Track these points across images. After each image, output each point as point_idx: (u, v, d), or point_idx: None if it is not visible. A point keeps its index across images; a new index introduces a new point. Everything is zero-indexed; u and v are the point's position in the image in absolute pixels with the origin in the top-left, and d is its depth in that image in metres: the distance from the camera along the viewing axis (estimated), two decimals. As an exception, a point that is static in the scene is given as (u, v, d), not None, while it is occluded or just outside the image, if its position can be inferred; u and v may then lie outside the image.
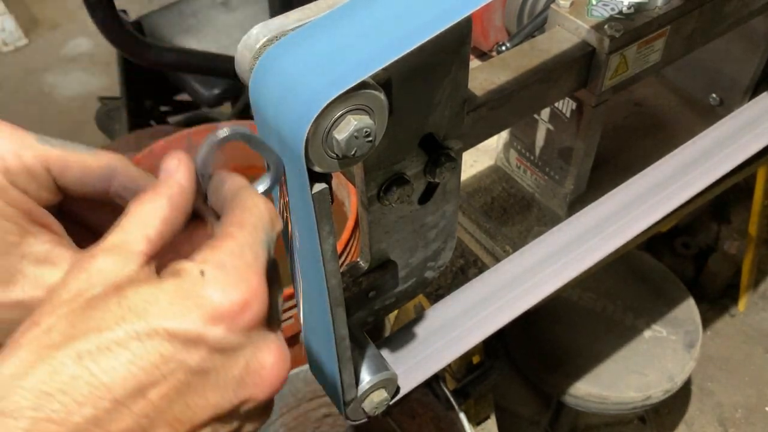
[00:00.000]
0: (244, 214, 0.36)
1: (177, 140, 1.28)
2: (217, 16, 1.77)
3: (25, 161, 0.38)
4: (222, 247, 0.34)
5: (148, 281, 0.33)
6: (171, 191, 0.37)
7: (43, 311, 0.32)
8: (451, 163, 0.52)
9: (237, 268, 0.34)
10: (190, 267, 0.33)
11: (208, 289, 0.33)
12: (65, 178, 0.39)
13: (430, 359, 0.69)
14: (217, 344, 0.32)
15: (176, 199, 0.37)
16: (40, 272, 0.38)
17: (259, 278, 0.34)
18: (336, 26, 0.39)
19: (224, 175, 0.39)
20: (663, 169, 0.84)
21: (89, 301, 0.32)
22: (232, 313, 0.33)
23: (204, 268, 0.33)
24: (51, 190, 0.39)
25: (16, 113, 2.73)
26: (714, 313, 2.04)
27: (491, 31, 1.18)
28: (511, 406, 1.63)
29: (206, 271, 0.33)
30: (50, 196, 0.39)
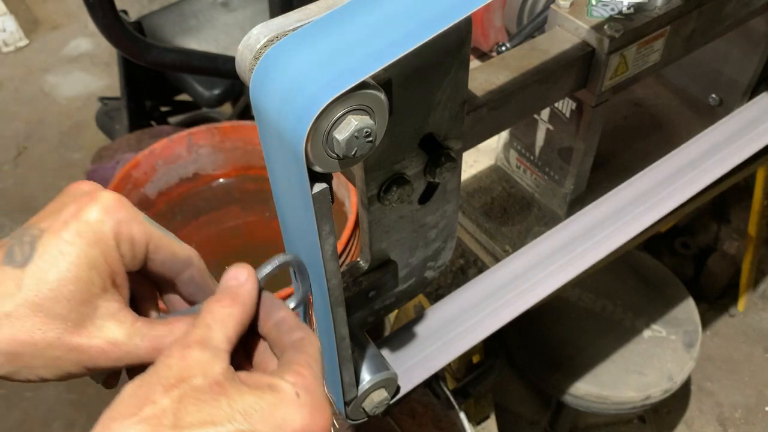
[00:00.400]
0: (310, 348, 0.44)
1: (177, 141, 1.28)
2: (218, 17, 1.77)
3: (133, 233, 0.43)
4: (306, 375, 0.41)
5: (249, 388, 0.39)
6: (245, 299, 0.44)
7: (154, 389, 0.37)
8: (451, 163, 0.52)
9: (320, 396, 0.41)
10: (287, 387, 0.40)
11: (303, 410, 0.40)
12: (155, 256, 0.45)
13: (430, 359, 0.69)
14: None
15: (248, 308, 0.44)
16: (106, 325, 0.43)
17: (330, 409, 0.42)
18: (336, 27, 0.39)
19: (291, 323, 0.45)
20: (662, 169, 0.85)
21: (197, 392, 0.38)
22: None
23: (298, 390, 0.40)
24: (139, 262, 0.45)
25: (17, 113, 2.74)
26: (713, 313, 2.04)
27: (491, 32, 1.18)
28: (511, 405, 1.63)
29: (301, 394, 0.40)
30: (135, 266, 0.45)
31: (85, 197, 0.43)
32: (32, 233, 0.42)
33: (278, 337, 0.45)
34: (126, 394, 0.38)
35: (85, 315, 0.42)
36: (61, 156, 2.55)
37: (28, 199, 2.40)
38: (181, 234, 1.33)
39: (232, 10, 1.78)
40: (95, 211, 0.42)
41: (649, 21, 0.71)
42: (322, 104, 0.36)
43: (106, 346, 0.42)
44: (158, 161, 1.27)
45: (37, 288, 0.40)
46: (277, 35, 0.42)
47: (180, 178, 1.31)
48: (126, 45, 1.36)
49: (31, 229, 0.42)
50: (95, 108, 2.20)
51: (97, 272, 0.42)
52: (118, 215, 0.43)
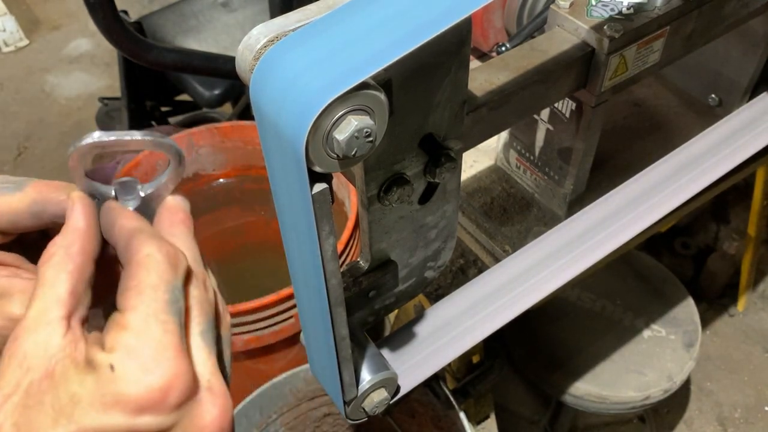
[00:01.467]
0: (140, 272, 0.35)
1: (177, 141, 1.28)
2: (218, 17, 1.77)
3: None
4: (127, 326, 0.34)
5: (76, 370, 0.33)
6: (66, 241, 0.37)
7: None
8: (451, 164, 0.52)
9: (149, 349, 0.33)
10: (102, 359, 0.33)
11: (121, 383, 0.33)
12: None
13: (430, 359, 0.69)
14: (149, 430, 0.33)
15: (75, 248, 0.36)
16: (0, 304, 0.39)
17: (174, 353, 0.34)
18: (336, 27, 0.39)
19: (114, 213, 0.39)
20: (662, 169, 0.85)
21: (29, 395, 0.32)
22: (155, 400, 0.33)
23: (113, 360, 0.33)
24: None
25: (17, 114, 2.74)
26: (713, 313, 2.04)
27: (491, 32, 1.18)
28: (511, 405, 1.63)
29: (116, 364, 0.33)
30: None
31: None
32: None
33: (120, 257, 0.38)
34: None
35: None
36: (61, 156, 2.55)
37: (28, 199, 2.39)
38: (181, 234, 1.34)
39: (232, 11, 1.78)
40: None
41: (648, 21, 0.71)
42: (322, 104, 0.36)
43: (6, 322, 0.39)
44: (158, 161, 1.27)
45: None
46: (278, 35, 0.42)
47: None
48: (126, 45, 1.36)
49: None
50: (96, 108, 2.20)
51: None
52: None
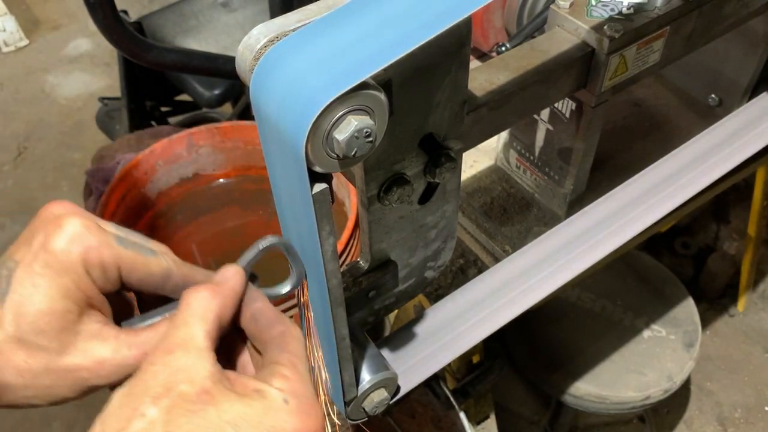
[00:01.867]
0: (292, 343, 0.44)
1: (178, 141, 1.28)
2: (218, 17, 1.77)
3: (103, 258, 0.43)
4: (292, 377, 0.42)
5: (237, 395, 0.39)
6: (225, 291, 0.44)
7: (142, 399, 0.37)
8: (451, 164, 0.52)
9: (308, 398, 0.41)
10: (274, 393, 0.40)
11: (292, 416, 0.40)
12: (130, 277, 0.45)
13: (430, 359, 0.69)
14: None
15: (229, 302, 0.44)
16: (90, 346, 0.43)
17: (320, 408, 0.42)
18: (336, 27, 0.39)
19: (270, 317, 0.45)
20: (662, 169, 0.85)
21: (185, 402, 0.37)
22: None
23: (286, 396, 0.40)
24: (114, 285, 0.45)
25: (17, 113, 2.74)
26: (713, 313, 2.04)
27: (491, 32, 1.18)
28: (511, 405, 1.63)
29: (289, 400, 0.40)
30: (112, 287, 0.45)
31: (52, 224, 0.43)
32: (8, 266, 0.43)
33: (257, 330, 0.45)
34: (115, 405, 0.38)
35: (67, 342, 0.42)
36: (61, 156, 2.55)
37: (28, 199, 2.40)
38: (181, 234, 1.34)
39: (232, 11, 1.78)
40: (62, 240, 0.43)
41: (648, 21, 0.71)
42: (322, 104, 0.36)
43: (93, 365, 0.42)
44: (158, 161, 1.27)
45: (16, 323, 0.41)
46: (278, 35, 0.42)
47: (180, 178, 1.31)
48: (126, 45, 1.36)
49: (7, 261, 0.43)
50: (95, 108, 2.20)
51: (72, 300, 0.42)
52: (85, 242, 0.43)
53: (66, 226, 0.43)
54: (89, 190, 1.43)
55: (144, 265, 0.45)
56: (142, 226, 1.27)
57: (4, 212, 2.36)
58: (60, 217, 0.44)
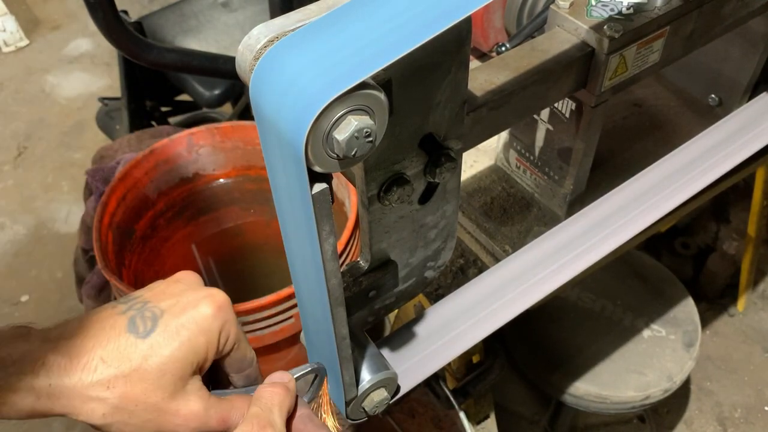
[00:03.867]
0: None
1: (178, 141, 1.28)
2: (218, 17, 1.77)
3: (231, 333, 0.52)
4: None
5: None
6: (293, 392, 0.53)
7: None
8: (451, 164, 0.52)
9: None
10: None
11: None
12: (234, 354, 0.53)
13: (430, 358, 0.69)
14: None
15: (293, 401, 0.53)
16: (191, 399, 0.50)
17: None
18: (336, 27, 0.40)
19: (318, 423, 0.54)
20: (662, 169, 0.85)
21: None
22: None
23: None
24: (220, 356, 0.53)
25: (17, 113, 2.74)
26: (713, 313, 2.04)
27: (491, 32, 1.18)
28: (511, 405, 1.63)
29: None
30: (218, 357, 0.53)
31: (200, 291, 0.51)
32: (154, 311, 0.49)
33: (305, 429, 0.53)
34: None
35: (179, 388, 0.48)
36: (61, 156, 2.56)
37: (28, 199, 2.40)
38: (181, 234, 1.34)
39: (232, 11, 1.79)
40: (211, 307, 0.50)
41: (648, 21, 0.71)
42: (322, 104, 0.36)
43: (189, 415, 0.49)
44: (159, 161, 1.27)
45: (151, 359, 0.47)
46: (278, 35, 0.42)
47: (180, 178, 1.31)
48: (126, 45, 1.36)
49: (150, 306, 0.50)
50: (96, 108, 2.21)
51: (197, 357, 0.49)
52: (226, 315, 0.51)
53: (215, 296, 0.51)
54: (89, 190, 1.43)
55: (245, 349, 0.54)
56: (142, 226, 1.27)
57: (4, 212, 2.36)
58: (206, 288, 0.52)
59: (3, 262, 2.21)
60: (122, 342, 0.47)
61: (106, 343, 0.47)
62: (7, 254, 2.23)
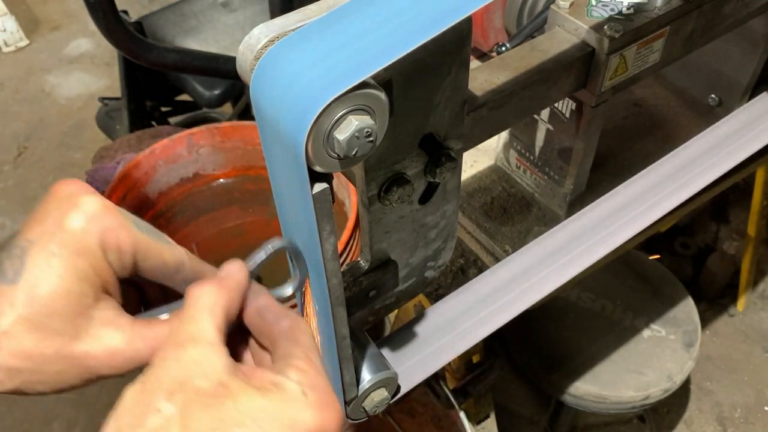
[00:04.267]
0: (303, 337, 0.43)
1: (178, 141, 1.28)
2: (218, 17, 1.77)
3: (120, 242, 0.42)
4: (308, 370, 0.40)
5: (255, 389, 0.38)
6: (230, 285, 0.42)
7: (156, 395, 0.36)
8: (452, 163, 0.52)
9: (326, 391, 0.40)
10: (293, 386, 0.39)
11: (312, 409, 0.38)
12: (144, 264, 0.43)
13: (430, 358, 0.69)
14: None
15: (235, 296, 0.43)
16: (104, 333, 0.42)
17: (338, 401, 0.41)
18: (337, 26, 0.40)
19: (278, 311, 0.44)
20: (662, 169, 0.85)
21: (201, 396, 0.36)
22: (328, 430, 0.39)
23: (304, 389, 0.39)
24: (129, 270, 0.43)
25: (18, 113, 2.74)
26: (713, 313, 2.04)
27: (491, 32, 1.18)
28: (511, 405, 1.63)
29: (307, 393, 0.39)
30: (125, 273, 0.43)
31: (67, 203, 0.41)
32: (21, 245, 0.41)
33: (264, 325, 0.44)
34: (128, 401, 0.37)
35: (80, 327, 0.41)
36: (61, 156, 2.56)
37: (28, 199, 2.40)
38: (181, 234, 1.34)
39: (232, 11, 1.79)
40: (79, 220, 0.41)
41: (648, 21, 0.71)
42: (323, 104, 0.36)
43: (105, 354, 0.41)
44: (159, 161, 1.27)
45: (29, 304, 0.39)
46: (278, 35, 0.42)
47: (180, 178, 1.31)
48: (126, 45, 1.36)
49: (19, 241, 0.41)
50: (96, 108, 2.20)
51: (88, 283, 0.41)
52: (103, 223, 0.41)
53: (83, 205, 0.41)
54: (89, 190, 1.43)
55: (159, 253, 0.43)
56: (142, 226, 1.27)
57: (4, 212, 2.36)
58: (76, 195, 0.42)
59: (3, 262, 2.20)
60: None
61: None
62: (7, 254, 2.22)
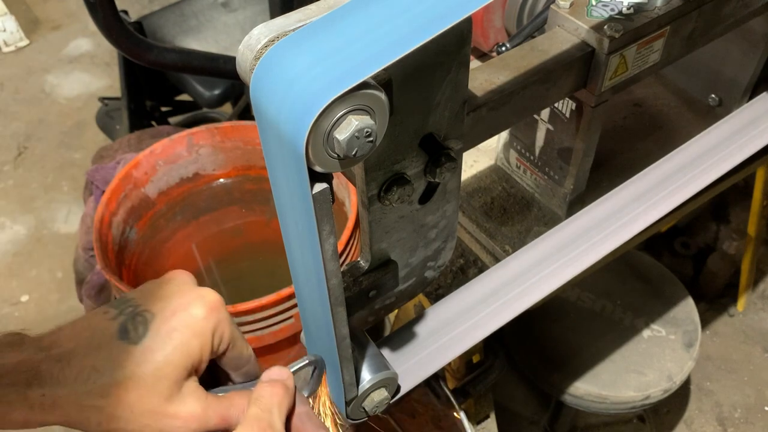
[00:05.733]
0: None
1: (178, 141, 1.28)
2: (218, 17, 1.77)
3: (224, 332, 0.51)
4: None
5: None
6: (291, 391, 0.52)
7: None
8: (452, 163, 0.52)
9: None
10: None
11: None
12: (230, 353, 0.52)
13: (430, 358, 0.69)
14: None
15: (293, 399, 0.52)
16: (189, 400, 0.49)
17: None
18: (337, 26, 0.40)
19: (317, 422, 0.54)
20: (662, 169, 0.85)
21: None
22: None
23: None
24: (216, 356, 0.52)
25: (18, 113, 2.74)
26: (713, 313, 2.04)
27: (491, 32, 1.18)
28: (511, 405, 1.63)
29: None
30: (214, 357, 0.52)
31: (191, 292, 0.50)
32: (144, 315, 0.48)
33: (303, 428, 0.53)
34: None
35: (175, 392, 0.48)
36: (61, 156, 2.56)
37: (28, 199, 2.40)
38: (181, 234, 1.34)
39: (232, 11, 1.79)
40: (202, 308, 0.49)
41: (648, 21, 0.71)
42: (323, 104, 0.36)
43: (188, 417, 0.48)
44: (159, 161, 1.27)
45: (145, 364, 0.46)
46: (278, 35, 0.42)
47: (180, 178, 1.31)
48: (126, 45, 1.36)
49: (141, 311, 0.48)
50: (96, 108, 2.21)
51: (192, 359, 0.48)
52: (219, 315, 0.50)
53: (206, 297, 0.50)
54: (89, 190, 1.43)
55: (241, 347, 0.53)
56: (142, 226, 1.27)
57: (4, 212, 2.36)
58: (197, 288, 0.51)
59: (3, 262, 2.21)
60: (114, 349, 0.46)
61: (98, 351, 0.46)
62: (7, 254, 2.23)
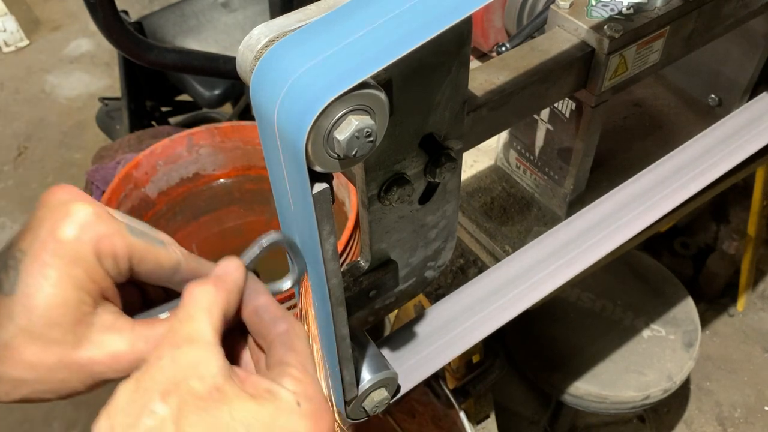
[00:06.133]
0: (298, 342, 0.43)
1: (178, 141, 1.28)
2: (218, 17, 1.77)
3: (114, 248, 0.41)
4: (303, 379, 0.41)
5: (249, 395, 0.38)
6: (229, 285, 0.43)
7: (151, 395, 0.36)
8: (452, 164, 0.52)
9: (319, 401, 0.41)
10: (286, 395, 0.39)
11: (304, 419, 0.39)
12: (140, 268, 0.43)
13: (430, 358, 0.69)
14: None
15: (233, 296, 0.43)
16: (105, 338, 0.42)
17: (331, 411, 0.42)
18: (337, 26, 0.40)
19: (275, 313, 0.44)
20: (662, 169, 0.85)
21: (196, 399, 0.36)
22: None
23: (298, 399, 0.39)
24: (125, 276, 0.43)
25: (18, 114, 2.74)
26: (713, 313, 2.04)
27: (491, 32, 1.18)
28: (511, 405, 1.63)
29: (301, 402, 0.39)
30: (122, 278, 0.43)
31: (59, 212, 0.41)
32: (15, 256, 0.40)
33: (261, 326, 0.44)
34: (122, 400, 0.37)
35: (81, 334, 0.41)
36: (61, 156, 2.56)
37: (28, 199, 2.40)
38: (181, 234, 1.34)
39: (232, 11, 1.78)
40: (72, 228, 0.40)
41: (648, 21, 0.71)
42: (323, 104, 0.36)
43: (108, 359, 0.41)
44: (159, 161, 1.27)
45: (27, 316, 0.39)
46: (278, 35, 0.42)
47: (180, 178, 1.31)
48: (126, 45, 1.36)
49: (12, 251, 0.40)
50: (96, 108, 2.20)
51: (85, 291, 0.40)
52: (96, 230, 0.41)
53: (75, 213, 0.41)
54: (89, 190, 1.43)
55: (155, 257, 0.43)
56: (142, 226, 1.27)
57: (4, 212, 2.36)
58: (67, 203, 0.41)
59: (3, 262, 2.20)
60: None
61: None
62: (7, 254, 2.22)
